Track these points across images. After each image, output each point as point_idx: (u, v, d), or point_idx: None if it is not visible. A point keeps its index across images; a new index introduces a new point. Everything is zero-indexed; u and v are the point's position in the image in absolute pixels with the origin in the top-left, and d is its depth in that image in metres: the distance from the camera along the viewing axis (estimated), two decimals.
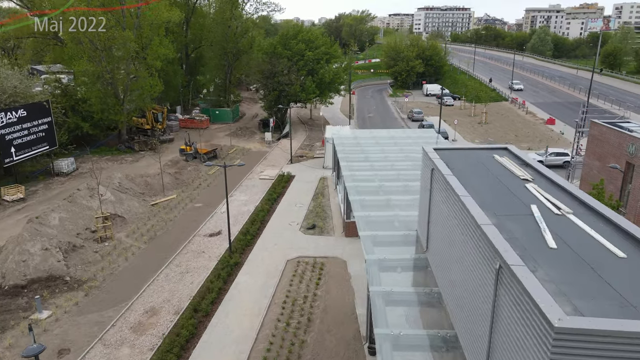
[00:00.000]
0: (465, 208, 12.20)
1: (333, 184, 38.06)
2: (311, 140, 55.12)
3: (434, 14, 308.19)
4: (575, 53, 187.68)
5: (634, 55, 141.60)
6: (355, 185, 25.45)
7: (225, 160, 46.21)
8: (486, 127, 61.88)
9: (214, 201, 35.68)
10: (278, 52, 57.75)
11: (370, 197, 23.84)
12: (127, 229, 30.44)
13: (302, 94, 56.68)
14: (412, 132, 40.55)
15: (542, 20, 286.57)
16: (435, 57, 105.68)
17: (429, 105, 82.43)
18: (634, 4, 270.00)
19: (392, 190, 25.47)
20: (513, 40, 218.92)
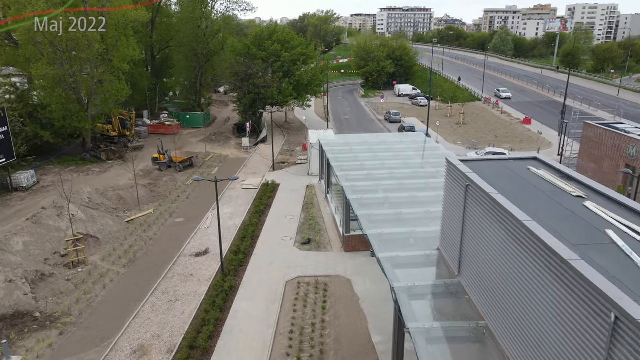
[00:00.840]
0: (535, 237, 10.46)
1: (322, 193, 36.05)
2: (290, 145, 52.90)
3: (396, 14, 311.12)
4: (533, 53, 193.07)
5: (591, 54, 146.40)
6: (358, 198, 23.56)
7: (202, 169, 43.37)
8: (465, 128, 61.41)
9: (196, 215, 32.97)
10: (252, 53, 55.19)
11: (377, 212, 22.01)
12: (102, 251, 27.38)
13: (279, 97, 54.34)
14: (403, 137, 39.06)
15: (499, 21, 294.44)
16: (405, 57, 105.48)
17: (403, 105, 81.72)
18: (585, 5, 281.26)
19: (399, 201, 23.76)
20: (475, 41, 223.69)
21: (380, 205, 23.78)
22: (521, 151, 50.36)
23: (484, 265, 13.65)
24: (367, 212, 21.58)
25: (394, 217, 21.71)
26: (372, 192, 25.18)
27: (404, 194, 24.39)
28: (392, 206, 23.28)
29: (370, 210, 22.04)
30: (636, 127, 31.47)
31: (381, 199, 23.93)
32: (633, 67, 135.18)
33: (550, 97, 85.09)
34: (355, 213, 21.82)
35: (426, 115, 72.87)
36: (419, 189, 25.40)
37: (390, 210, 22.19)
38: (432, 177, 27.59)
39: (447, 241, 16.94)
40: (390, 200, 23.80)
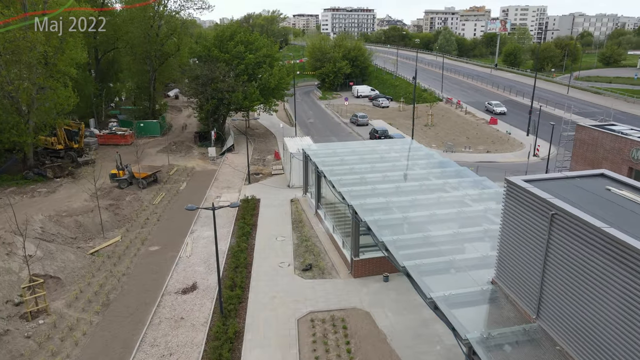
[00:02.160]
0: None
1: (311, 209, 33.00)
2: (260, 153, 49.31)
3: (341, 14, 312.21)
4: (474, 52, 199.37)
5: (530, 54, 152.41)
6: (375, 220, 20.81)
7: (169, 184, 38.98)
8: (434, 130, 60.45)
9: (173, 241, 28.90)
10: (214, 55, 51.05)
11: (403, 236, 19.42)
12: (67, 295, 22.88)
13: (246, 102, 50.62)
14: (390, 143, 36.77)
15: (439, 21, 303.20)
16: (360, 57, 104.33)
17: (365, 107, 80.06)
18: (517, 7, 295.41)
19: (419, 220, 21.33)
20: (419, 41, 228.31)
21: (399, 226, 21.22)
22: (497, 153, 49.85)
23: (590, 313, 11.33)
24: (392, 238, 18.88)
25: (422, 241, 19.17)
26: (385, 211, 22.57)
27: (423, 212, 21.93)
28: (415, 227, 20.76)
29: (396, 234, 19.37)
30: (631, 129, 30.99)
31: (399, 219, 21.34)
32: (569, 65, 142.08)
33: (507, 96, 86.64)
34: (379, 239, 19.05)
35: (390, 116, 71.76)
36: (435, 205, 23.09)
37: (417, 233, 19.61)
38: (441, 190, 25.43)
39: (512, 277, 14.57)
40: (410, 220, 21.27)
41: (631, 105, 77.18)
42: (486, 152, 49.87)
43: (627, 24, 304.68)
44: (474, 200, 23.87)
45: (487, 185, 25.45)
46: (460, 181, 26.38)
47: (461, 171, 28.25)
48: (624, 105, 76.73)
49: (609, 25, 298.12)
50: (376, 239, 19.49)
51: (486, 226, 20.11)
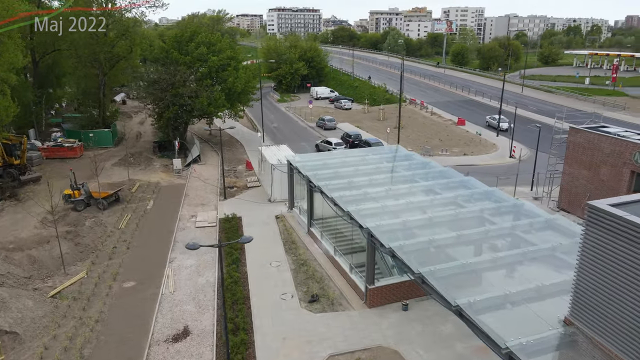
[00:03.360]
0: None
1: (301, 226, 30.05)
2: (230, 163, 45.56)
3: (286, 14, 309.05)
4: (420, 52, 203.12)
5: (476, 53, 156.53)
6: (401, 246, 18.33)
7: (133, 204, 34.62)
8: (405, 133, 58.97)
9: (150, 273, 25.01)
10: (173, 57, 46.70)
11: (442, 266, 16.99)
12: (29, 355, 18.66)
13: (211, 108, 46.68)
14: (378, 151, 34.48)
15: (384, 22, 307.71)
16: (316, 58, 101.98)
17: (327, 109, 77.78)
18: (458, 8, 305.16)
19: (446, 242, 19.20)
20: (367, 41, 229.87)
21: (427, 251, 18.90)
22: (473, 155, 49.04)
23: None
24: (431, 269, 16.44)
25: (461, 269, 16.89)
26: (404, 233, 20.26)
27: (447, 232, 19.70)
28: (446, 252, 18.53)
29: (432, 264, 16.92)
30: (627, 131, 30.55)
31: (425, 243, 18.97)
32: (512, 65, 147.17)
33: (466, 95, 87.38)
34: (414, 271, 16.56)
35: (356, 119, 69.78)
36: (454, 223, 21.01)
37: (455, 261, 17.29)
38: (453, 203, 23.41)
39: (598, 317, 12.51)
40: (437, 243, 18.97)
41: (583, 102, 79.82)
42: (463, 154, 48.93)
43: (556, 25, 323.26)
44: (493, 215, 21.99)
45: (501, 197, 23.69)
46: (472, 193, 24.48)
47: (467, 181, 26.42)
48: (576, 103, 79.19)
49: (540, 25, 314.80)
50: (409, 270, 16.99)
51: (525, 248, 18.16)
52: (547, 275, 16.38)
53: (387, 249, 18.47)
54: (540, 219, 20.54)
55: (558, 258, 17.53)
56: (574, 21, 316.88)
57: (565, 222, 20.38)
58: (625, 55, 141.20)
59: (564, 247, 17.84)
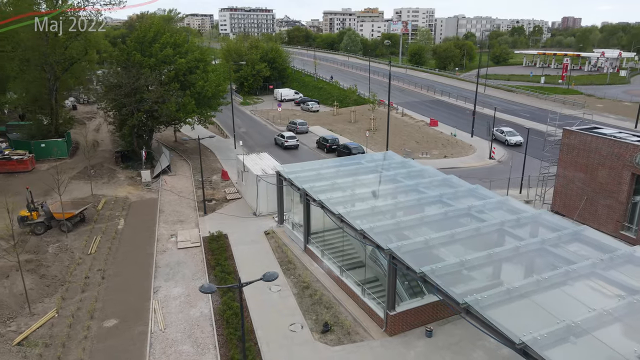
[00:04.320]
0: None
1: (295, 243, 27.68)
2: (203, 173, 42.27)
3: (239, 14, 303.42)
4: (376, 52, 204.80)
5: (432, 53, 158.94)
6: (432, 270, 16.50)
7: (101, 224, 31.01)
8: (381, 135, 57.61)
9: (133, 308, 21.89)
10: (136, 60, 42.91)
11: (488, 293, 15.22)
12: None
13: (180, 114, 43.33)
14: (371, 157, 32.55)
15: (338, 22, 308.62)
16: (278, 59, 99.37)
17: (295, 112, 75.46)
18: (409, 9, 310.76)
19: (479, 263, 17.66)
20: (323, 41, 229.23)
21: (459, 273, 17.14)
22: (454, 157, 48.26)
23: None
24: (477, 298, 14.67)
25: (507, 294, 15.22)
26: (431, 253, 18.45)
27: (479, 254, 18.01)
28: (484, 274, 16.88)
29: (478, 292, 15.16)
30: (620, 132, 30.29)
31: (456, 265, 17.19)
32: (467, 64, 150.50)
33: (432, 95, 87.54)
34: (459, 302, 14.73)
35: (327, 121, 67.89)
36: (477, 238, 19.46)
37: (498, 288, 15.56)
38: (467, 215, 21.89)
39: None
40: (468, 264, 17.26)
41: (543, 101, 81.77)
42: (443, 157, 48.07)
43: (501, 26, 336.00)
44: (513, 227, 20.59)
45: (520, 208, 22.40)
46: (484, 203, 23.04)
47: (474, 190, 25.03)
48: (538, 102, 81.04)
49: (487, 26, 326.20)
50: (453, 301, 15.13)
51: (565, 267, 16.76)
52: None
53: (418, 274, 16.55)
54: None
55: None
56: (517, 22, 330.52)
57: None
58: (571, 55, 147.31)
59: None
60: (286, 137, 51.24)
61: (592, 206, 30.04)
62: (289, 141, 50.79)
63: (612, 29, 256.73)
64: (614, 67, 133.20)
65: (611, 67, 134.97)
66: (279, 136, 52.72)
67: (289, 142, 50.70)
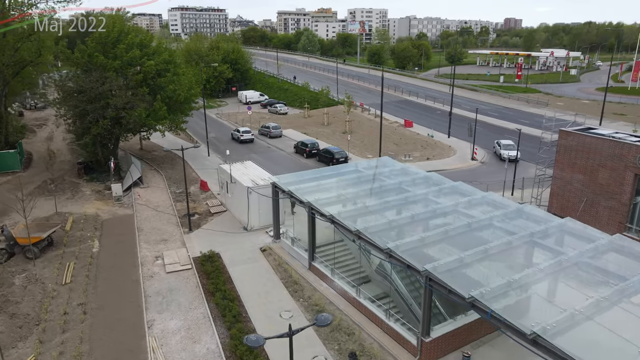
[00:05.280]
0: None
1: (297, 260, 25.52)
2: (179, 183, 39.15)
3: (190, 14, 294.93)
4: (332, 52, 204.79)
5: (390, 53, 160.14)
6: (482, 294, 14.95)
7: (72, 247, 27.60)
8: (356, 137, 56.24)
9: (127, 347, 19.05)
10: (99, 62, 39.16)
11: (555, 319, 13.80)
12: None
13: (150, 120, 39.98)
14: (368, 164, 30.79)
15: (293, 22, 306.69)
16: (240, 60, 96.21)
17: (263, 115, 72.89)
18: (363, 10, 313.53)
19: (529, 282, 16.19)
20: (280, 41, 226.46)
21: (507, 294, 15.68)
22: (436, 159, 47.50)
23: None
24: (545, 327, 13.22)
25: (570, 320, 13.90)
26: (471, 273, 16.95)
27: (521, 270, 16.67)
28: (537, 297, 15.50)
29: (542, 318, 13.72)
30: (616, 132, 30.18)
31: (504, 286, 15.72)
32: (425, 64, 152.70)
33: (399, 95, 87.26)
34: (529, 332, 13.22)
35: (298, 124, 65.80)
36: (512, 252, 18.24)
37: (561, 314, 14.19)
38: (490, 225, 20.61)
39: None
40: (516, 284, 15.85)
41: (508, 100, 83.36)
42: (426, 159, 47.21)
43: (450, 26, 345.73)
44: (542, 237, 19.48)
45: (544, 217, 21.36)
46: (506, 213, 21.85)
47: (486, 197, 23.88)
48: (503, 101, 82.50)
49: (437, 27, 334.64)
50: (521, 336, 13.58)
51: (619, 285, 15.68)
52: None
53: (468, 300, 14.94)
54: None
55: None
56: (465, 23, 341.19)
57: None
58: (523, 54, 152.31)
59: None
60: (242, 132, 54.53)
61: (592, 208, 29.73)
62: (245, 135, 54.04)
63: (554, 30, 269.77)
64: (562, 66, 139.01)
65: (559, 66, 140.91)
66: (235, 131, 55.57)
67: (245, 136, 53.96)
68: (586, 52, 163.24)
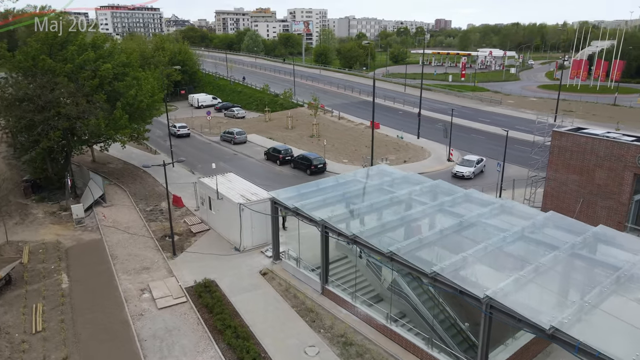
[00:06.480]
0: None
1: (306, 283, 23.06)
2: (147, 200, 35.24)
3: (122, 13, 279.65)
4: (275, 52, 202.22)
5: (337, 53, 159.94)
6: (562, 323, 13.44)
7: (33, 285, 23.52)
8: (327, 142, 54.21)
9: None
10: (46, 66, 34.36)
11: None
12: None
13: (110, 131, 35.72)
14: (368, 172, 28.79)
15: (232, 22, 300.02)
16: (188, 62, 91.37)
17: (220, 120, 69.09)
18: (303, 10, 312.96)
19: (598, 302, 14.79)
20: (221, 42, 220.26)
21: (589, 322, 14.28)
22: (413, 162, 46.54)
23: None
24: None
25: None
26: (531, 294, 15.43)
27: (588, 291, 15.39)
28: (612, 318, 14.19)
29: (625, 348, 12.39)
30: (609, 132, 30.29)
31: (577, 310, 14.32)
32: (371, 64, 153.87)
33: (357, 96, 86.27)
34: None
35: (260, 128, 62.72)
36: (566, 266, 16.95)
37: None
38: (521, 238, 19.40)
39: None
40: (592, 302, 14.51)
41: (462, 99, 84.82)
42: (403, 162, 46.12)
43: (387, 27, 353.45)
44: (583, 248, 18.47)
45: (574, 224, 20.42)
46: (534, 222, 20.72)
47: (505, 204, 22.73)
48: (457, 100, 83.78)
49: (375, 27, 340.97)
50: None
51: None
52: None
53: (548, 330, 13.34)
54: None
55: None
56: (401, 23, 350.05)
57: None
58: (463, 54, 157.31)
59: None
60: (178, 127, 57.86)
61: (589, 208, 29.63)
62: (181, 130, 57.78)
63: (485, 30, 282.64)
64: (499, 65, 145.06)
65: (497, 65, 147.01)
66: (172, 127, 55.90)
67: (181, 131, 57.67)
68: (520, 51, 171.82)
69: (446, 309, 19.98)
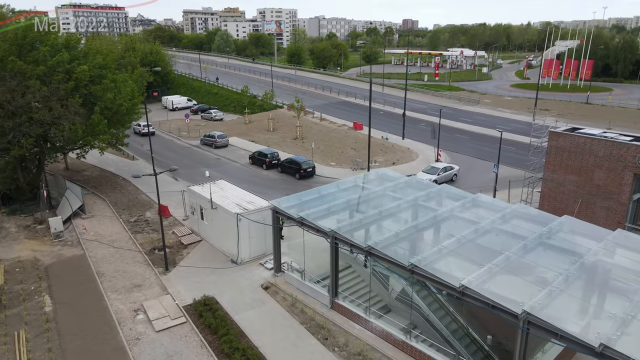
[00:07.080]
0: None
1: (313, 297, 21.78)
2: (131, 210, 33.11)
3: (85, 12, 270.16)
4: (246, 52, 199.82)
5: (310, 53, 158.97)
6: (611, 339, 12.71)
7: (13, 309, 21.46)
8: (310, 143, 52.93)
9: None
10: (15, 68, 31.79)
11: None
12: None
13: (88, 137, 33.45)
14: (368, 177, 27.69)
15: (200, 22, 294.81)
16: (160, 62, 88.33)
17: (197, 123, 66.82)
18: (273, 9, 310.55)
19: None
20: (191, 42, 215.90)
21: None
22: (402, 164, 45.85)
23: None
24: None
25: None
26: (567, 306, 14.68)
27: (620, 303, 14.76)
28: None
29: None
30: (605, 132, 30.23)
31: (619, 323, 13.64)
32: (344, 64, 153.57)
33: (335, 97, 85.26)
34: None
35: (241, 131, 60.88)
36: (589, 273, 16.32)
37: None
38: (540, 245, 18.73)
39: None
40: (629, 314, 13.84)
41: (440, 98, 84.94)
42: (392, 164, 45.38)
43: (357, 27, 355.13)
44: (606, 254, 17.93)
45: (593, 229, 19.90)
46: (550, 228, 20.09)
47: (516, 210, 22.08)
48: (436, 99, 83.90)
49: (345, 27, 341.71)
50: None
51: None
52: None
53: (597, 348, 12.55)
54: None
55: None
56: (371, 24, 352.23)
57: None
58: (436, 54, 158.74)
59: None
60: (142, 126, 56.82)
61: (588, 208, 29.47)
62: (145, 129, 56.55)
63: (453, 30, 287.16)
64: (470, 65, 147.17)
65: (468, 65, 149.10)
66: (136, 125, 56.44)
67: (145, 129, 56.53)
68: (489, 51, 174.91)
69: (458, 318, 19.21)
